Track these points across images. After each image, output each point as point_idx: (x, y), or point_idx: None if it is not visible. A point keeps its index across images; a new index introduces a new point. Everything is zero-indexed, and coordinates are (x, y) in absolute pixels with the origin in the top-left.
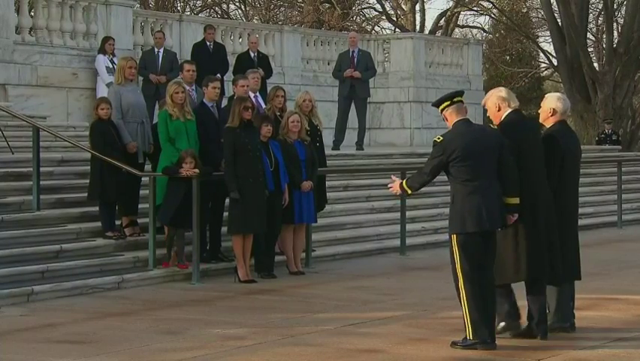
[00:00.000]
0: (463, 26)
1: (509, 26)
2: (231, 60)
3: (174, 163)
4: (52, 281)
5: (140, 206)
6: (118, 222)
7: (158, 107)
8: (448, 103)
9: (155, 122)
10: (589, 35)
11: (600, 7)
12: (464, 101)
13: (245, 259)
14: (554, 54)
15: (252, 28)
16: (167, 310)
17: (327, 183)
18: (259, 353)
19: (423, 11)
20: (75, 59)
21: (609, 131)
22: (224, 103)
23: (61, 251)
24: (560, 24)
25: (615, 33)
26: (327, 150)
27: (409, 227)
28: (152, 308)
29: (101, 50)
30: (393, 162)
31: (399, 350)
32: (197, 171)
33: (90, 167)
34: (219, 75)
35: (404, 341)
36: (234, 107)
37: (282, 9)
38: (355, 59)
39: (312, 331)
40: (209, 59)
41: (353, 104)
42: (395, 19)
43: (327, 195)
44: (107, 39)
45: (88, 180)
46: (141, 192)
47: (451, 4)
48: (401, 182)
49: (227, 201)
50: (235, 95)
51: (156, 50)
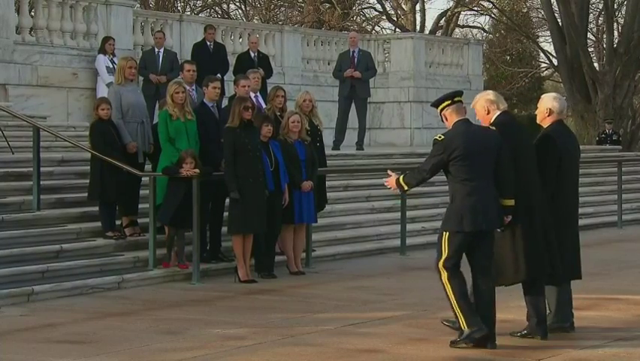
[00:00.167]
0: (463, 26)
1: (509, 26)
2: (231, 60)
3: (174, 163)
4: (53, 281)
5: (140, 206)
6: (118, 222)
7: (158, 107)
8: (449, 102)
9: (156, 122)
10: (589, 35)
11: (600, 7)
12: (463, 102)
13: (245, 259)
14: (554, 54)
15: (252, 28)
16: (167, 310)
17: (327, 183)
18: (259, 353)
19: (423, 11)
20: (75, 59)
21: (609, 131)
22: (224, 103)
23: (62, 251)
24: (560, 24)
25: (615, 33)
26: (328, 150)
27: (409, 227)
28: (152, 308)
29: (102, 50)
30: (393, 162)
31: (399, 350)
32: (197, 171)
33: (90, 167)
34: (219, 75)
35: (404, 341)
36: (234, 107)
37: (283, 9)
38: (355, 59)
39: (312, 331)
40: (209, 59)
41: (353, 104)
42: (395, 19)
43: (328, 195)
44: (107, 39)
45: (88, 180)
46: (141, 192)
47: (452, 4)
48: (398, 177)
49: (228, 201)
50: (236, 95)
51: (156, 50)
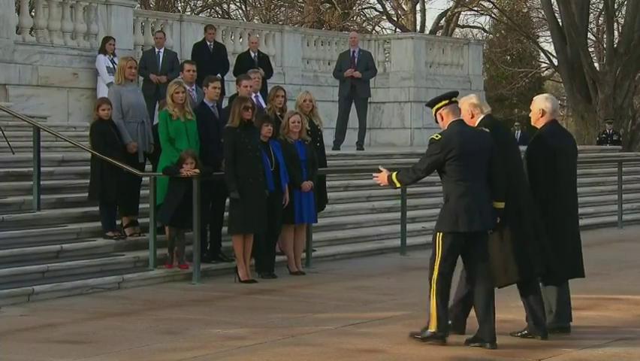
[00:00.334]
0: (463, 26)
1: (510, 26)
2: (232, 60)
3: (175, 163)
4: (53, 281)
5: (141, 206)
6: (118, 222)
7: (158, 107)
8: (446, 102)
9: (156, 122)
10: (589, 35)
11: (601, 7)
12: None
13: (245, 259)
14: (555, 54)
15: (252, 28)
16: (168, 310)
17: (328, 183)
18: (259, 353)
19: (423, 11)
20: (76, 59)
21: (610, 131)
22: (224, 103)
23: (62, 251)
24: (561, 24)
25: (616, 33)
26: (328, 150)
27: (409, 227)
28: (152, 308)
29: (102, 50)
30: (393, 162)
31: (399, 350)
32: (197, 171)
33: (90, 167)
34: (220, 75)
35: (404, 341)
36: (234, 107)
37: (283, 9)
38: (356, 59)
39: (312, 331)
40: (209, 59)
41: (353, 104)
42: (395, 19)
43: (328, 195)
44: (107, 39)
45: (88, 180)
46: (142, 192)
47: (452, 4)
48: (390, 174)
49: (228, 201)
50: (238, 95)
51: (157, 50)
